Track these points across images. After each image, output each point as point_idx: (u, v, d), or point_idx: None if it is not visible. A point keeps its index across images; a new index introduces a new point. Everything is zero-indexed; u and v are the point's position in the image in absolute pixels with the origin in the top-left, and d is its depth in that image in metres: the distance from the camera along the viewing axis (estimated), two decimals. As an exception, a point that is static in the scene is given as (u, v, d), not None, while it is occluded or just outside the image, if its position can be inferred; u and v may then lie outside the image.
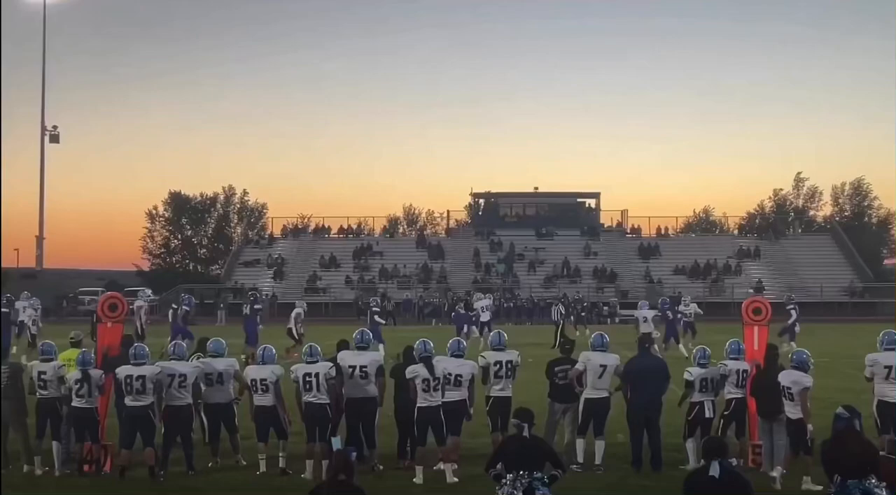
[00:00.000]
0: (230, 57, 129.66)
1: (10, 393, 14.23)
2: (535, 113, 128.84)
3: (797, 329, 32.52)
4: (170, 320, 31.31)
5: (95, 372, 14.02)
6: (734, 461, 8.46)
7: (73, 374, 14.01)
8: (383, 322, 35.65)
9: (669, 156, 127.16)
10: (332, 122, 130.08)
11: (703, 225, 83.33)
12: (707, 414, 13.94)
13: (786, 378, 13.26)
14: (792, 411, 13.13)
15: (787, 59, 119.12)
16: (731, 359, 14.23)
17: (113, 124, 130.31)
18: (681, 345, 31.29)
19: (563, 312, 37.62)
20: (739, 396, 14.09)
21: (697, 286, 65.35)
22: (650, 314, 32.48)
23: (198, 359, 14.91)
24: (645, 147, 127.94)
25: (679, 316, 33.73)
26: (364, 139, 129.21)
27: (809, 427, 12.93)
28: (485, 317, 37.27)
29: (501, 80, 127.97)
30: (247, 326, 31.44)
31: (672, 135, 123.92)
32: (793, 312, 33.18)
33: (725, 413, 14.14)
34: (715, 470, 7.78)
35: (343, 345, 15.04)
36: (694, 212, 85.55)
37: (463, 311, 37.84)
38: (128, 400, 13.62)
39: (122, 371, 13.72)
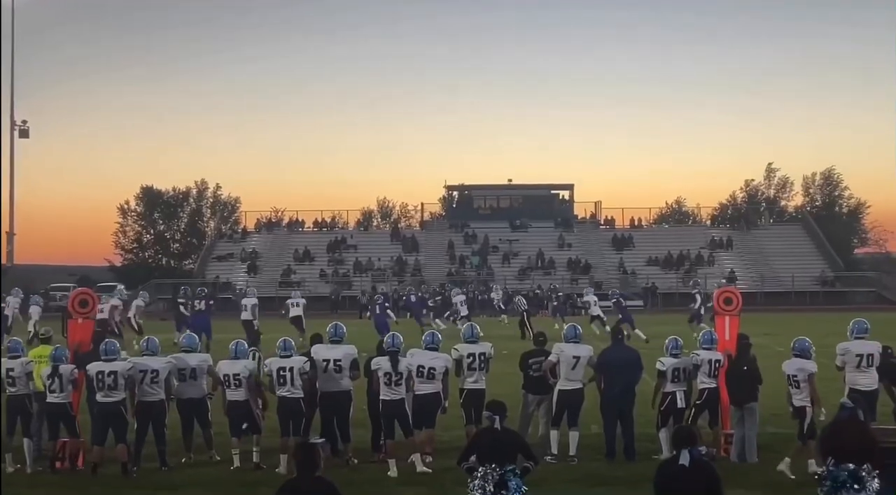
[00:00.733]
0: (201, 50, 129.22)
1: None
2: (509, 104, 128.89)
3: (702, 312, 33.91)
4: (187, 313, 32.79)
5: (66, 367, 13.93)
6: (704, 450, 8.47)
7: (45, 370, 13.93)
8: (393, 317, 36.92)
9: (642, 147, 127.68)
10: (304, 115, 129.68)
11: (676, 216, 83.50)
12: (679, 404, 14.01)
13: (790, 367, 13.36)
14: (798, 399, 13.24)
15: (759, 50, 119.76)
16: (704, 348, 14.30)
17: (84, 119, 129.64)
18: (637, 330, 31.95)
19: (525, 304, 37.86)
20: (712, 386, 14.16)
21: (671, 277, 65.61)
22: (594, 299, 37.16)
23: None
24: (617, 138, 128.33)
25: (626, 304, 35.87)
26: (337, 132, 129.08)
27: (822, 410, 13.16)
28: (464, 311, 37.70)
29: (475, 72, 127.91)
30: (195, 320, 31.67)
31: (644, 127, 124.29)
32: (697, 297, 36.02)
33: (697, 402, 14.21)
34: (685, 458, 7.82)
35: (316, 339, 15.03)
36: (667, 203, 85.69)
37: (414, 299, 39.81)
38: (99, 396, 13.54)
39: (94, 367, 13.64)
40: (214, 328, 30.77)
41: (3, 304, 32.59)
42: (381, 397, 13.56)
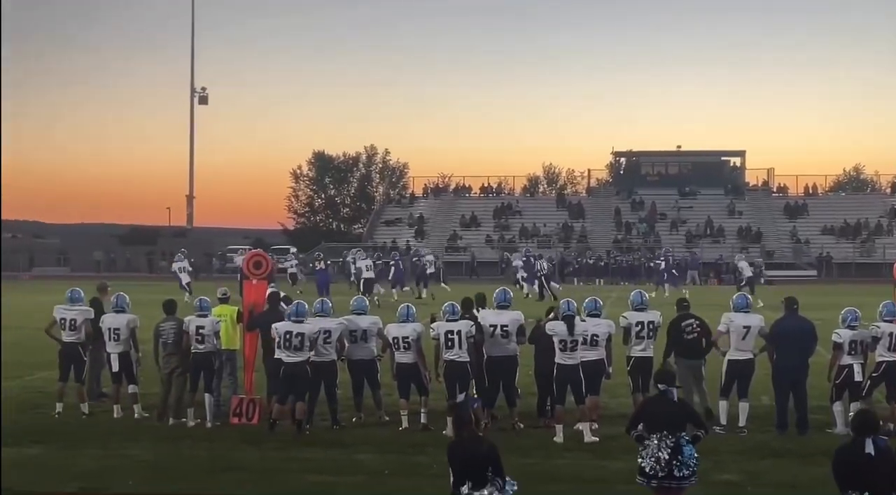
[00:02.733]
0: (375, 20, 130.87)
1: (174, 349, 14.78)
2: (678, 69, 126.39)
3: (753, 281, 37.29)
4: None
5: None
6: (887, 437, 8.22)
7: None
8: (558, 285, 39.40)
9: (818, 113, 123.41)
10: (472, 83, 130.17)
11: (854, 183, 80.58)
12: (856, 378, 13.57)
13: None
14: None
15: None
16: (886, 321, 13.78)
17: (259, 85, 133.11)
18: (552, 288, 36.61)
19: (546, 267, 40.49)
20: (892, 359, 13.64)
21: (846, 246, 63.41)
22: (520, 262, 41.84)
23: None
24: (792, 104, 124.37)
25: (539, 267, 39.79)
26: (505, 99, 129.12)
27: None
28: (430, 269, 40.75)
29: (646, 39, 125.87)
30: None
31: (822, 92, 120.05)
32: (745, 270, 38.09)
33: (874, 375, 13.74)
34: (870, 447, 7.62)
35: (479, 300, 15.04)
36: (844, 170, 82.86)
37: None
38: (284, 356, 13.84)
39: (282, 326, 13.96)
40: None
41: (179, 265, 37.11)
42: (557, 361, 13.55)
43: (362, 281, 37.31)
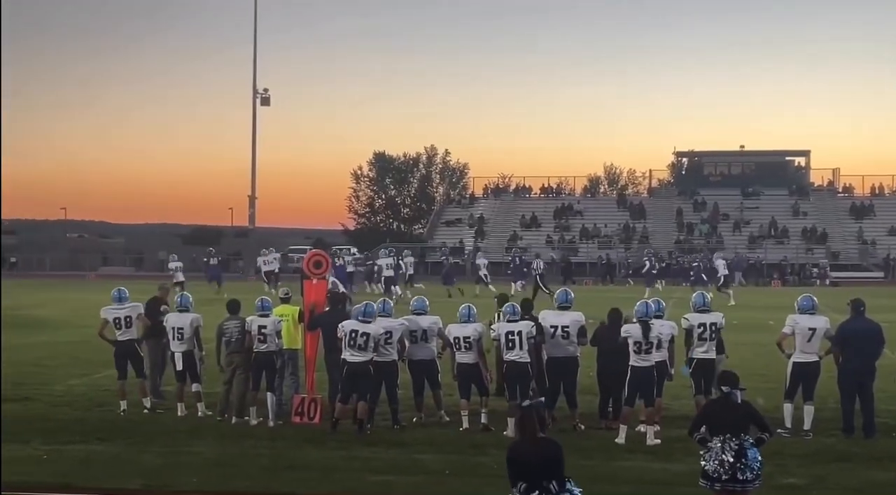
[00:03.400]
0: (434, 21, 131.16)
1: (237, 348, 14.91)
2: (741, 68, 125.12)
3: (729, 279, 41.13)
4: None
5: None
6: None
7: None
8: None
9: (885, 112, 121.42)
10: (532, 84, 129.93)
11: (924, 183, 78.99)
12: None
13: None
14: None
15: None
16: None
17: (320, 87, 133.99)
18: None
19: (541, 267, 41.52)
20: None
21: (914, 247, 62.29)
22: (483, 261, 43.44)
23: None
24: (859, 103, 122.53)
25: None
26: (565, 99, 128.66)
27: None
28: (388, 272, 39.78)
29: (707, 37, 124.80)
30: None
31: (888, 91, 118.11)
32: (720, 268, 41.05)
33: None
34: None
35: (528, 305, 15.01)
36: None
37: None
38: (347, 355, 13.89)
39: (348, 325, 14.02)
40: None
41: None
42: (631, 364, 13.45)
43: (382, 279, 38.66)
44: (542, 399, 12.85)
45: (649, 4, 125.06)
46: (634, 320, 13.61)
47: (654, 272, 45.84)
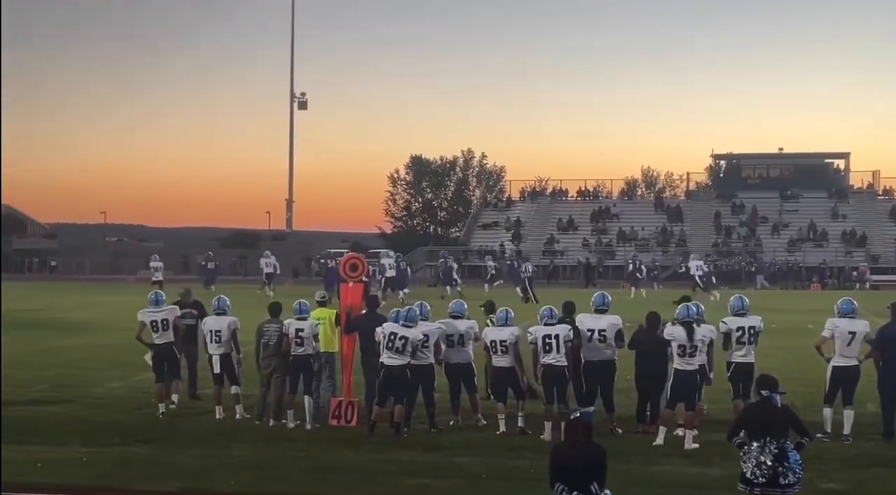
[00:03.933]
0: (471, 25, 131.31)
1: (275, 351, 14.96)
2: (779, 70, 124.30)
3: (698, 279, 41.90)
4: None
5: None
6: None
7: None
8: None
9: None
10: (569, 87, 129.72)
11: (965, 186, 78.08)
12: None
13: None
14: None
15: None
16: None
17: (357, 91, 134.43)
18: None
19: (530, 270, 42.31)
20: None
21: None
22: (454, 265, 44.60)
23: None
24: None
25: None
26: (602, 101, 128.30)
27: None
28: (390, 273, 40.33)
29: (745, 40, 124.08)
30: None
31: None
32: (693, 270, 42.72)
33: None
34: None
35: (570, 307, 14.90)
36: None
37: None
38: (385, 358, 13.89)
39: (388, 327, 14.06)
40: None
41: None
42: (675, 367, 13.42)
43: (384, 279, 39.42)
44: (592, 408, 12.93)
45: (688, 6, 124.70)
46: (676, 322, 13.54)
47: (640, 276, 45.78)
